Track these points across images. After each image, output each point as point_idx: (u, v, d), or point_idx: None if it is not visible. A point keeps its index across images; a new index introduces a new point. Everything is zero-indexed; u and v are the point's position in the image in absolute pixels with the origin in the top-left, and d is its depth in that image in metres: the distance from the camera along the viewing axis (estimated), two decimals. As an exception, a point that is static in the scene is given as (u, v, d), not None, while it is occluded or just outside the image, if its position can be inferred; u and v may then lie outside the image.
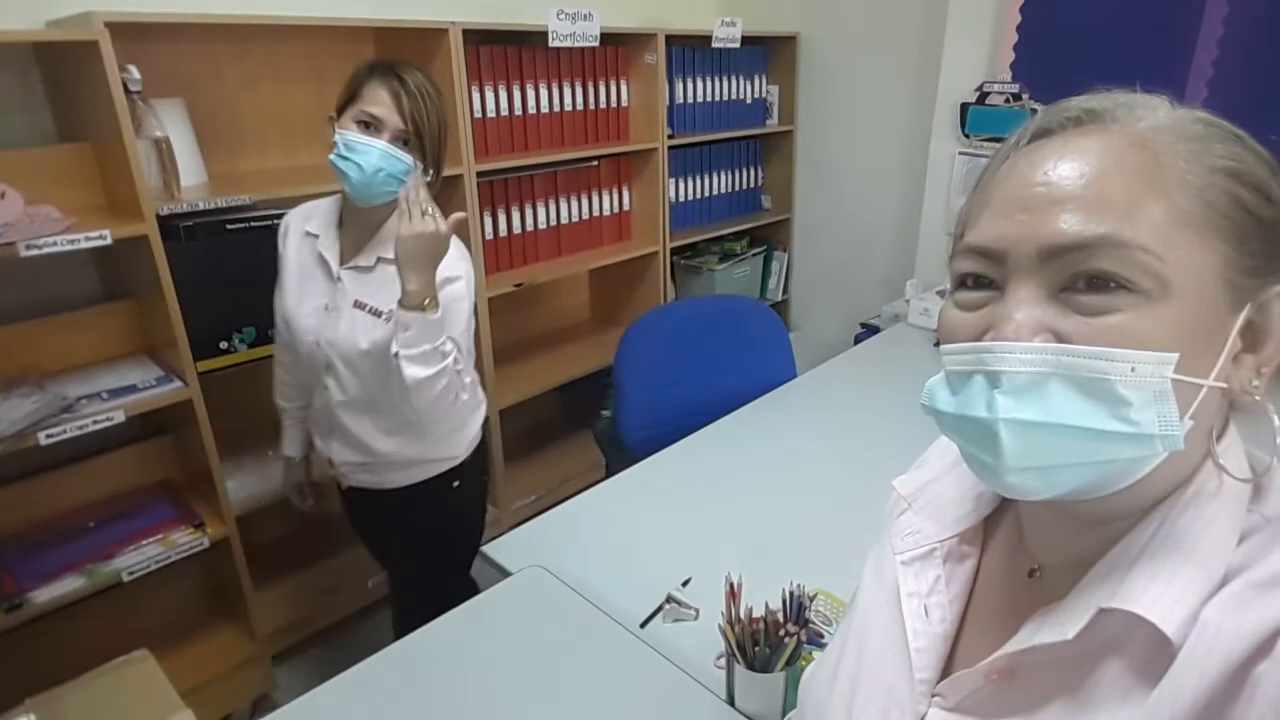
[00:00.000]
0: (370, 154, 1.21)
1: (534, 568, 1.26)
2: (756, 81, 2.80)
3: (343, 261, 1.34)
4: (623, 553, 1.31)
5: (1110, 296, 0.41)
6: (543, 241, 2.39)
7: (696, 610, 1.16)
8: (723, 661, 0.99)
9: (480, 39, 2.00)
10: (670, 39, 2.37)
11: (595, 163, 2.43)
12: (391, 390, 1.26)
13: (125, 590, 1.59)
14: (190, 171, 1.67)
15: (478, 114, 2.06)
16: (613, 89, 2.39)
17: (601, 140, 2.42)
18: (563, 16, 1.99)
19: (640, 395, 1.90)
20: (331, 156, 1.23)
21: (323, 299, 1.34)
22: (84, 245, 1.37)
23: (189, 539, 1.66)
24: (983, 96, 2.28)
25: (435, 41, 1.86)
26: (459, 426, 1.46)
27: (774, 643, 0.92)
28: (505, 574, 1.27)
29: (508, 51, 2.09)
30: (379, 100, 1.22)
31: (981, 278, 0.46)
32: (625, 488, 1.55)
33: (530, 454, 2.63)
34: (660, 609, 1.18)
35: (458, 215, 1.22)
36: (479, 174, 2.04)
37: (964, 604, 0.56)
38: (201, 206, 1.57)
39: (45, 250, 1.32)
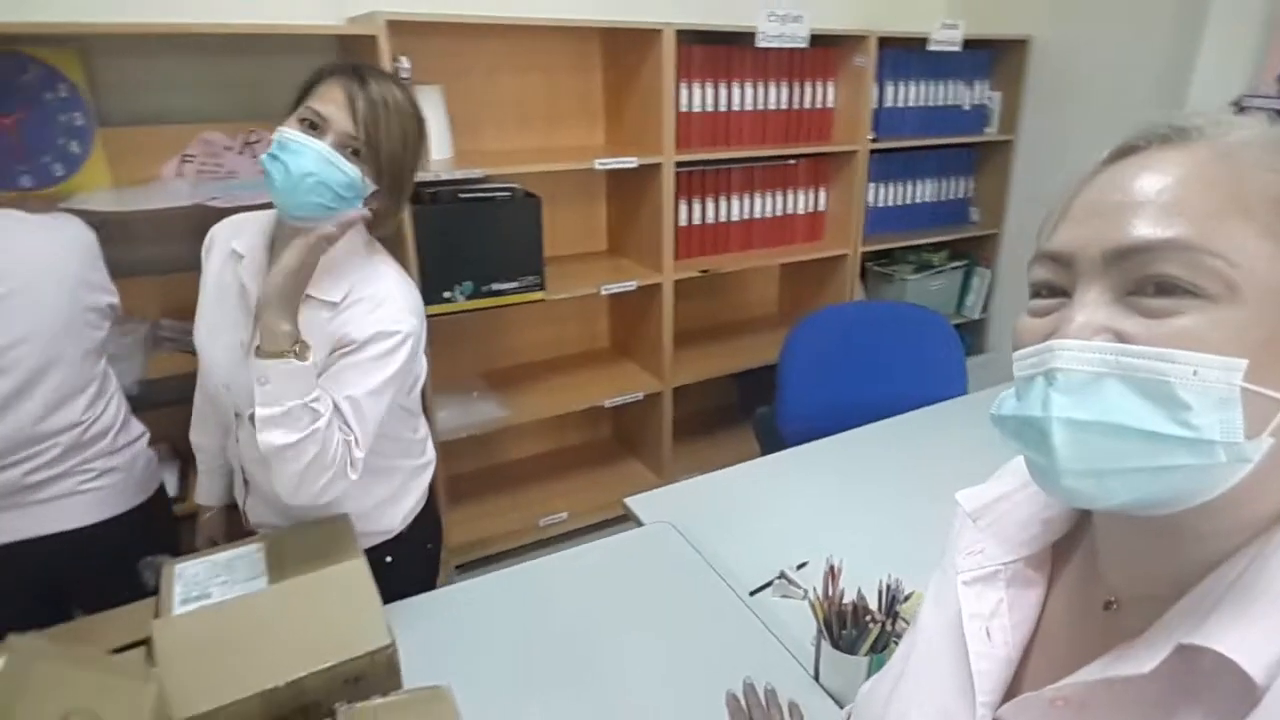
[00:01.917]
0: (303, 155, 0.97)
1: (664, 524, 1.37)
2: (977, 87, 2.66)
3: None
4: (749, 527, 1.37)
5: (1176, 300, 0.40)
6: (734, 233, 2.47)
7: (805, 591, 1.20)
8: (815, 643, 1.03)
9: (692, 38, 2.12)
10: (884, 41, 2.33)
11: (794, 161, 2.46)
12: None
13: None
14: (439, 147, 1.95)
15: (683, 108, 2.18)
16: (819, 89, 2.41)
17: (803, 139, 2.44)
18: (773, 18, 2.04)
19: (802, 388, 1.93)
20: (262, 157, 1.01)
21: (237, 334, 1.10)
22: (352, 200, 1.66)
23: (401, 451, 1.95)
24: (1240, 111, 2.00)
25: (650, 40, 2.01)
26: (388, 499, 1.23)
27: (860, 626, 0.94)
28: (639, 524, 1.39)
29: (717, 51, 2.19)
30: (330, 98, 1.01)
31: (1053, 285, 0.45)
32: (768, 468, 1.61)
33: (699, 434, 2.73)
34: (771, 583, 1.23)
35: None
36: (678, 164, 2.16)
37: (1029, 631, 0.54)
38: (444, 177, 1.84)
39: (325, 202, 1.63)
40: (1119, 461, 0.40)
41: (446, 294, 1.95)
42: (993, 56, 2.67)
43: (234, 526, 1.33)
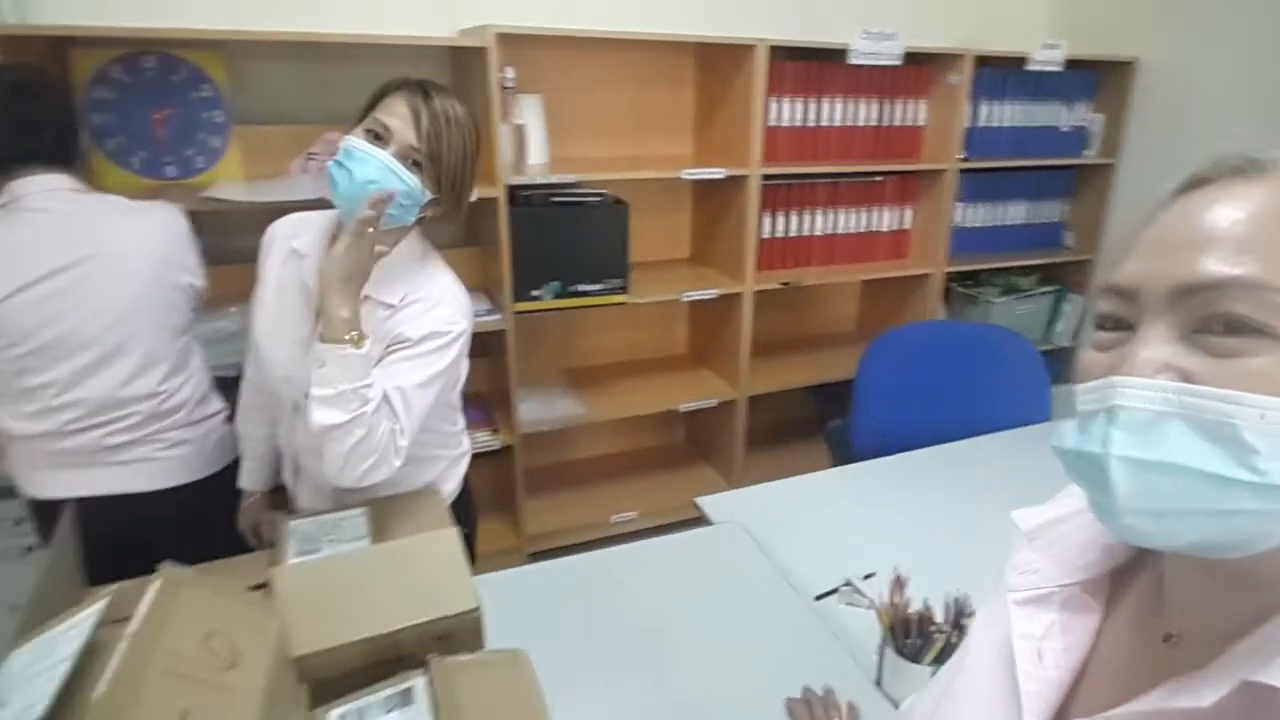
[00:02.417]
0: (367, 164, 1.03)
1: (733, 524, 1.39)
2: (1077, 108, 2.58)
3: None
4: (818, 534, 1.39)
5: (1245, 340, 0.38)
6: (817, 247, 2.47)
7: (871, 601, 1.20)
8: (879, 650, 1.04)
9: (785, 54, 2.14)
10: (980, 59, 2.29)
11: (880, 178, 2.44)
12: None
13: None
14: (535, 152, 2.03)
15: (772, 122, 2.20)
16: (910, 107, 2.39)
17: (891, 156, 2.43)
18: (867, 35, 2.04)
19: (878, 403, 1.93)
20: (329, 163, 1.07)
21: (299, 330, 1.15)
22: (455, 200, 1.77)
23: (487, 438, 2.05)
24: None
25: (744, 56, 2.05)
26: (436, 481, 1.29)
27: (925, 636, 0.95)
28: (709, 524, 1.42)
29: (809, 67, 2.21)
30: (395, 112, 1.06)
31: (1118, 318, 0.44)
32: (840, 479, 1.61)
33: (770, 444, 2.73)
34: (836, 590, 1.24)
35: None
36: (764, 176, 2.19)
37: (1082, 657, 0.52)
38: (539, 181, 1.92)
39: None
40: (1180, 503, 0.39)
41: (535, 292, 2.02)
42: (1096, 77, 2.58)
43: (277, 511, 1.38)
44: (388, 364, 1.10)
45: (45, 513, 1.36)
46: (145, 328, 1.31)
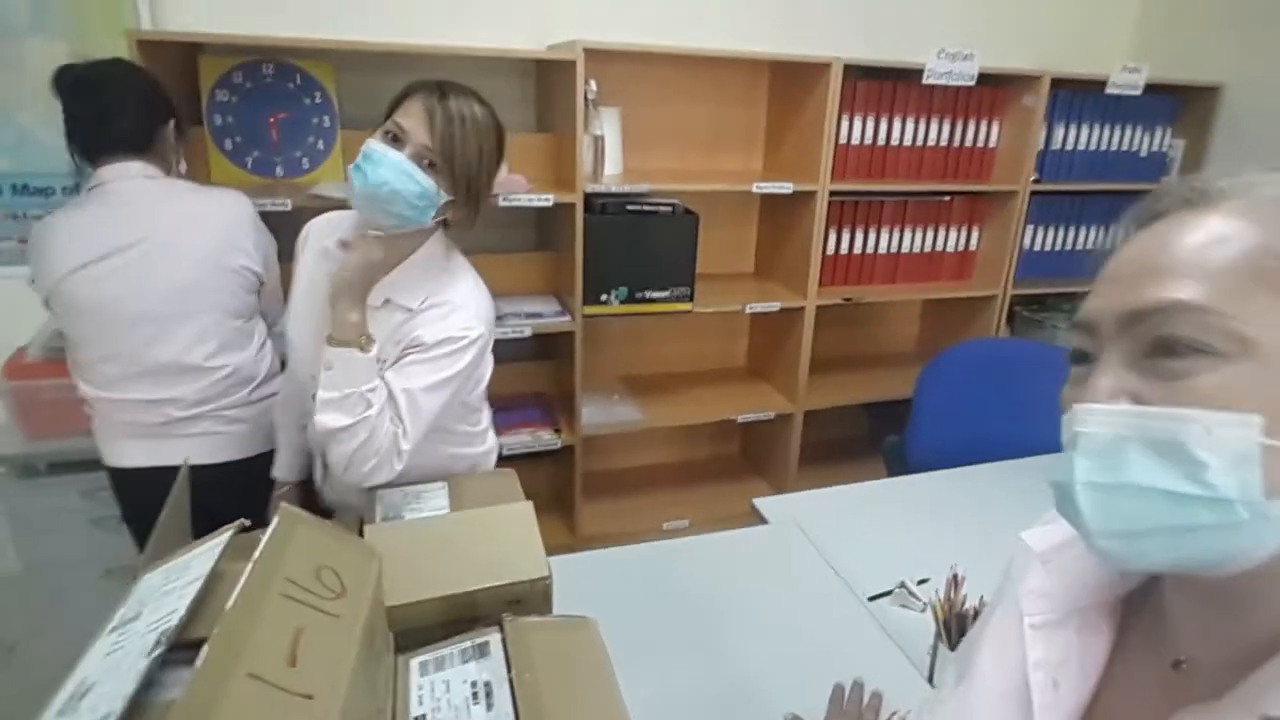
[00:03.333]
0: (382, 165, 1.04)
1: (790, 524, 1.41)
2: (1158, 133, 2.51)
3: None
4: (874, 539, 1.39)
5: (1189, 361, 0.40)
6: (881, 265, 2.46)
7: (924, 604, 1.20)
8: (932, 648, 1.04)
9: (859, 73, 2.15)
10: (1056, 82, 2.26)
11: (949, 198, 2.43)
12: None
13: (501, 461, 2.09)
14: (612, 162, 2.10)
15: (842, 139, 2.22)
16: (983, 128, 2.37)
17: (960, 177, 2.41)
18: (942, 55, 2.05)
19: (936, 419, 1.91)
20: (350, 167, 1.09)
21: (327, 329, 1.13)
22: (536, 204, 1.85)
23: (549, 438, 2.11)
24: None
25: (818, 73, 2.08)
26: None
27: (981, 634, 0.95)
28: (764, 521, 1.44)
29: (883, 86, 2.22)
30: (410, 112, 1.07)
31: (1083, 352, 0.46)
32: (897, 489, 1.61)
33: (825, 461, 2.70)
34: (890, 592, 1.24)
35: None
36: (832, 193, 2.20)
37: (1094, 683, 0.52)
38: (614, 190, 1.99)
39: (514, 203, 1.83)
40: (1143, 522, 0.40)
41: (603, 296, 2.08)
42: (1177, 102, 2.51)
43: (307, 501, 1.38)
44: (401, 366, 1.10)
45: (120, 482, 1.47)
46: (201, 305, 1.39)
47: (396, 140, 1.07)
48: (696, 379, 2.58)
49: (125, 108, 1.36)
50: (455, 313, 1.13)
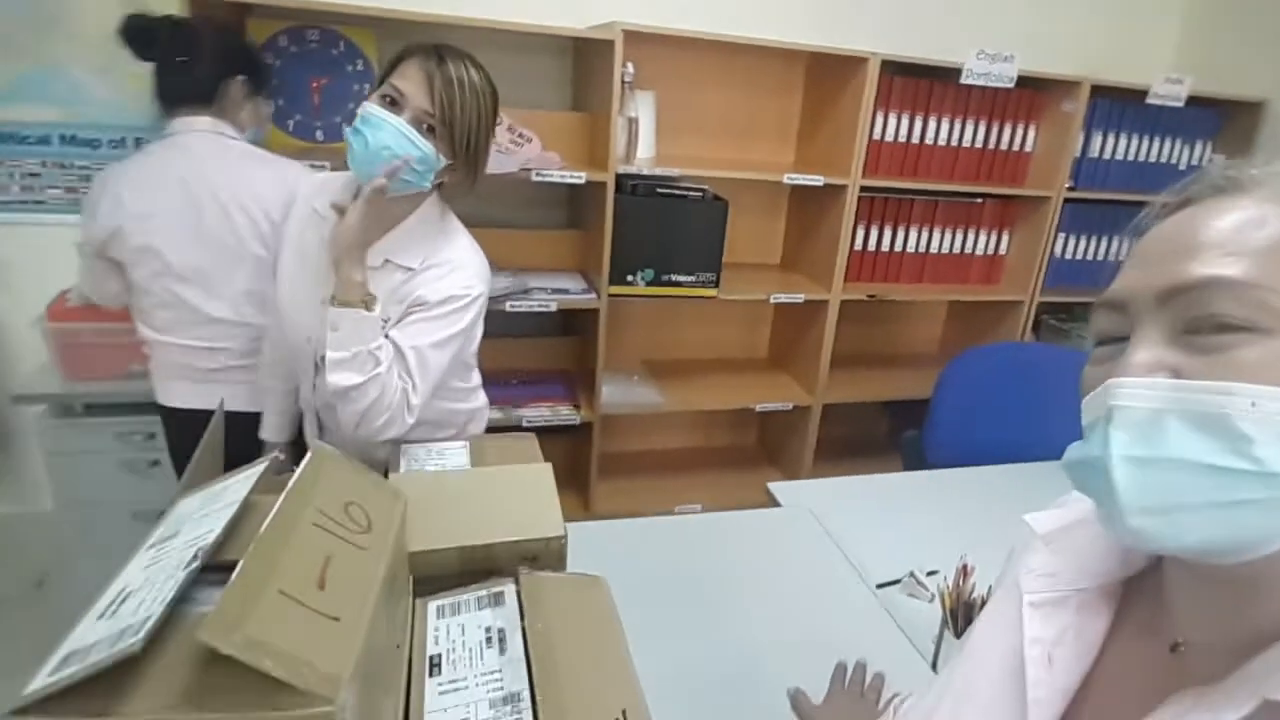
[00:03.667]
0: (382, 129, 1.04)
1: (801, 509, 1.42)
2: (1197, 146, 2.47)
3: None
4: (886, 528, 1.39)
5: (1231, 336, 0.40)
6: (908, 264, 2.45)
7: (932, 594, 1.21)
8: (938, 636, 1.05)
9: (895, 69, 2.14)
10: (1097, 89, 2.23)
11: (980, 200, 2.41)
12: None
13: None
14: (645, 145, 2.11)
15: (876, 135, 2.21)
16: (1019, 131, 2.35)
17: (994, 179, 2.39)
18: (982, 56, 2.03)
19: (955, 417, 1.91)
20: (346, 130, 1.09)
21: (322, 291, 1.14)
22: (569, 181, 1.87)
23: (568, 413, 2.13)
24: None
25: (855, 68, 2.07)
26: (458, 435, 1.31)
27: (987, 623, 0.96)
28: (777, 505, 1.45)
29: (920, 84, 2.20)
30: (408, 76, 1.06)
31: (1112, 332, 0.46)
32: (913, 481, 1.62)
33: (841, 456, 2.70)
34: (900, 580, 1.25)
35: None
36: (863, 188, 2.19)
37: (1089, 664, 0.52)
38: (645, 172, 2.00)
39: (547, 179, 1.85)
40: (1183, 497, 0.39)
41: (630, 277, 2.09)
42: (1220, 116, 2.47)
43: (298, 463, 1.41)
44: (406, 324, 1.13)
45: (169, 421, 1.54)
46: (251, 267, 1.43)
47: (394, 104, 1.07)
48: (717, 366, 2.59)
49: (190, 58, 1.38)
50: (456, 271, 1.15)
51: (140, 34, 1.37)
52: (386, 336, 1.12)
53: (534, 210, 2.28)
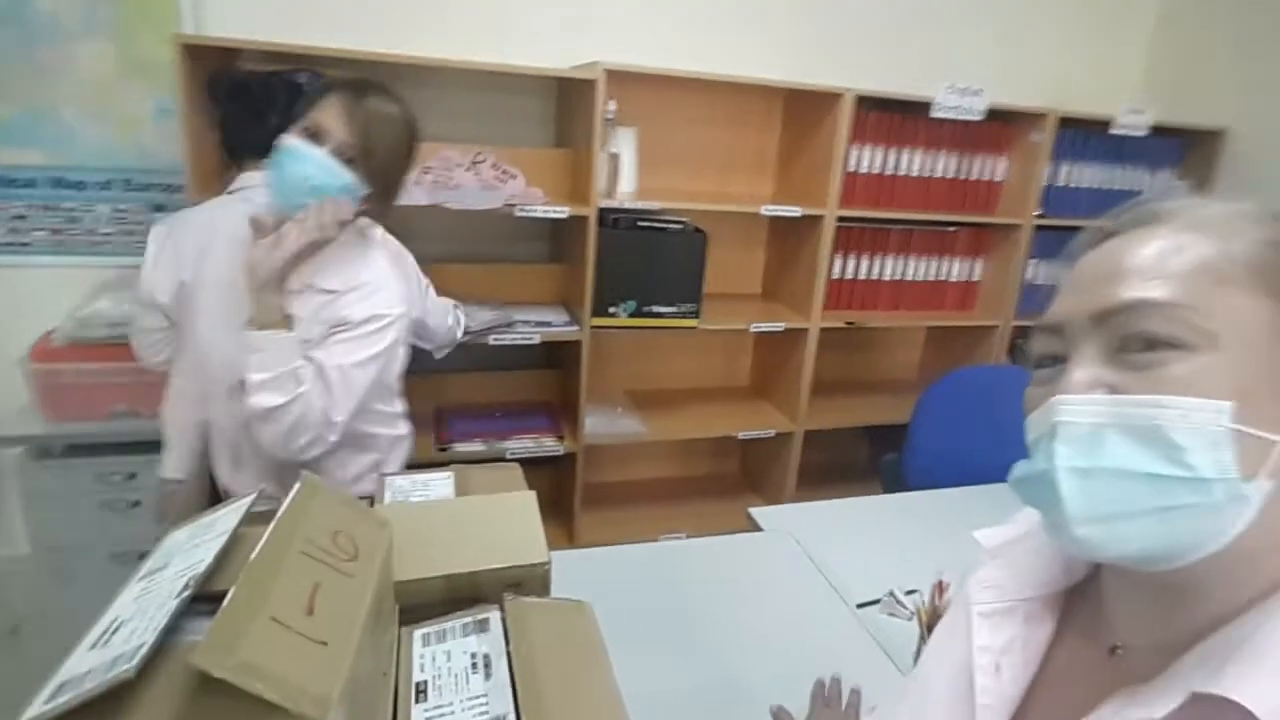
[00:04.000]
0: (305, 161, 1.08)
1: (783, 533, 1.44)
2: (1160, 174, 2.57)
3: None
4: (865, 550, 1.42)
5: (1161, 353, 0.43)
6: (885, 291, 2.51)
7: (911, 612, 1.23)
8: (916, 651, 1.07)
9: (870, 104, 2.22)
10: (1064, 120, 2.32)
11: (954, 229, 2.48)
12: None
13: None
14: (626, 179, 2.16)
15: (851, 167, 2.28)
16: (988, 162, 2.43)
17: (966, 209, 2.47)
18: (952, 91, 2.11)
19: (934, 439, 1.94)
20: (265, 162, 1.12)
21: (240, 316, 1.15)
22: (552, 215, 1.91)
23: (551, 444, 2.15)
24: None
25: (830, 103, 2.14)
26: (369, 470, 1.33)
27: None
28: (758, 529, 1.48)
29: (893, 118, 2.28)
30: (328, 110, 1.11)
31: (1051, 355, 0.49)
32: (892, 504, 1.65)
33: (823, 482, 2.72)
34: (879, 600, 1.27)
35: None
36: (840, 218, 2.25)
37: (1035, 670, 0.55)
38: (627, 206, 2.05)
39: (530, 214, 1.89)
40: (1124, 505, 0.42)
41: (612, 309, 2.13)
42: (1183, 145, 2.57)
43: (201, 499, 1.39)
44: (329, 344, 1.15)
45: None
46: None
47: (314, 137, 1.11)
48: (699, 395, 2.62)
49: (268, 115, 1.39)
50: (377, 293, 1.19)
51: (234, 87, 1.38)
52: (307, 357, 1.15)
53: (517, 244, 2.32)
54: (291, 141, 1.10)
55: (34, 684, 0.56)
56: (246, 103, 1.40)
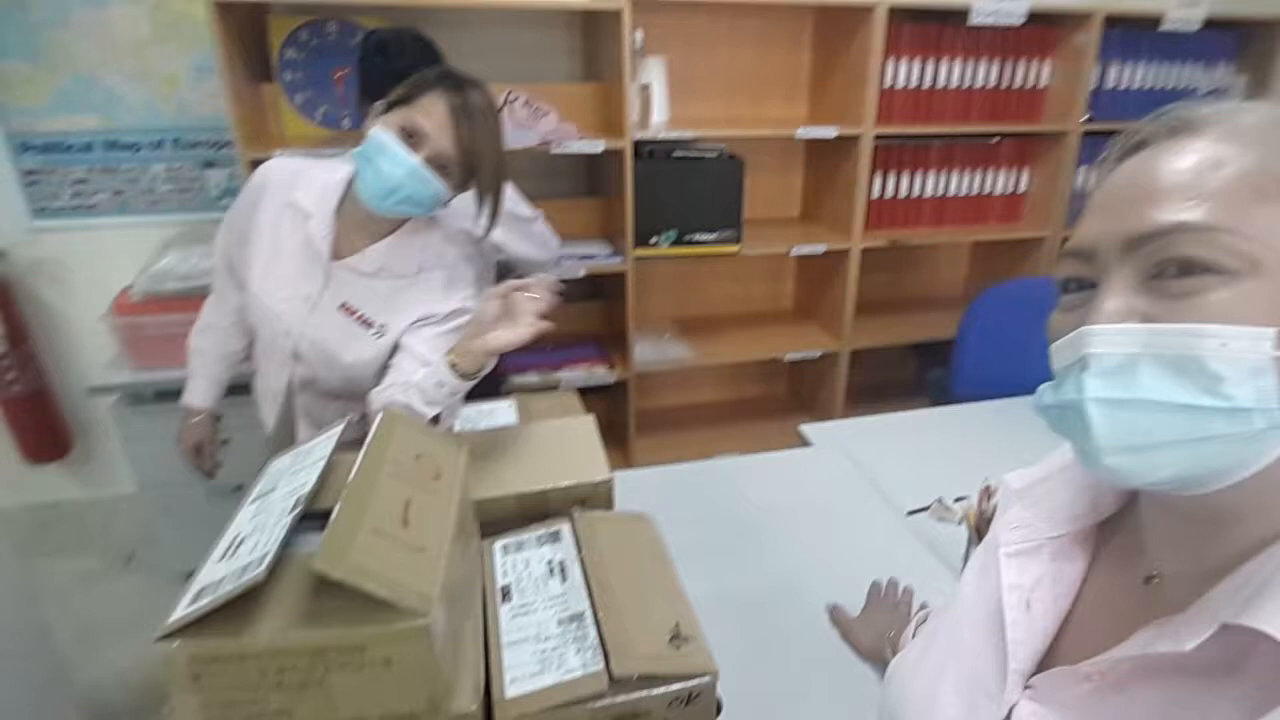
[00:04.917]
0: (396, 169, 1.03)
1: (833, 448, 1.47)
2: (1217, 71, 2.41)
3: (336, 255, 1.16)
4: (914, 461, 1.44)
5: (1198, 279, 0.40)
6: (927, 209, 2.45)
7: (961, 516, 1.26)
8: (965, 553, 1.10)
9: (903, 16, 2.12)
10: (1110, 20, 2.19)
11: (996, 139, 2.39)
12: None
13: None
14: (659, 110, 2.13)
15: (888, 84, 2.20)
16: (1031, 68, 2.31)
17: (1009, 118, 2.36)
18: (992, -6, 2.00)
19: (982, 353, 1.93)
20: (355, 151, 1.06)
21: (304, 288, 1.15)
22: (587, 150, 1.90)
23: (603, 373, 2.21)
24: None
25: (862, 18, 2.06)
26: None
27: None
28: (807, 444, 1.51)
29: (928, 29, 2.18)
30: (433, 113, 1.03)
31: (1080, 280, 0.46)
32: (940, 417, 1.66)
33: (871, 401, 2.71)
34: (928, 507, 1.30)
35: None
36: (877, 137, 2.19)
37: (1067, 606, 0.53)
38: (661, 137, 2.02)
39: (566, 151, 1.89)
40: (1157, 436, 0.40)
41: (653, 239, 2.13)
42: (1238, 38, 2.40)
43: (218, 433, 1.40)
44: (420, 332, 1.16)
45: None
46: None
47: (411, 137, 1.04)
48: (744, 320, 2.62)
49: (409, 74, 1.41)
50: (456, 282, 1.18)
51: (386, 46, 1.41)
52: (397, 345, 1.16)
53: (555, 181, 2.32)
54: (384, 139, 1.03)
55: (151, 600, 0.63)
56: (386, 57, 1.40)
